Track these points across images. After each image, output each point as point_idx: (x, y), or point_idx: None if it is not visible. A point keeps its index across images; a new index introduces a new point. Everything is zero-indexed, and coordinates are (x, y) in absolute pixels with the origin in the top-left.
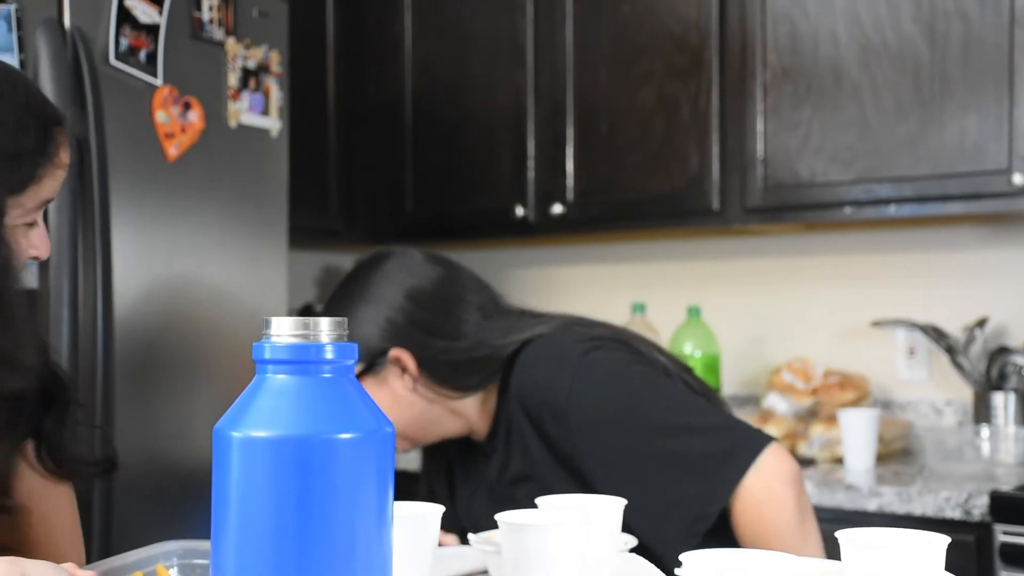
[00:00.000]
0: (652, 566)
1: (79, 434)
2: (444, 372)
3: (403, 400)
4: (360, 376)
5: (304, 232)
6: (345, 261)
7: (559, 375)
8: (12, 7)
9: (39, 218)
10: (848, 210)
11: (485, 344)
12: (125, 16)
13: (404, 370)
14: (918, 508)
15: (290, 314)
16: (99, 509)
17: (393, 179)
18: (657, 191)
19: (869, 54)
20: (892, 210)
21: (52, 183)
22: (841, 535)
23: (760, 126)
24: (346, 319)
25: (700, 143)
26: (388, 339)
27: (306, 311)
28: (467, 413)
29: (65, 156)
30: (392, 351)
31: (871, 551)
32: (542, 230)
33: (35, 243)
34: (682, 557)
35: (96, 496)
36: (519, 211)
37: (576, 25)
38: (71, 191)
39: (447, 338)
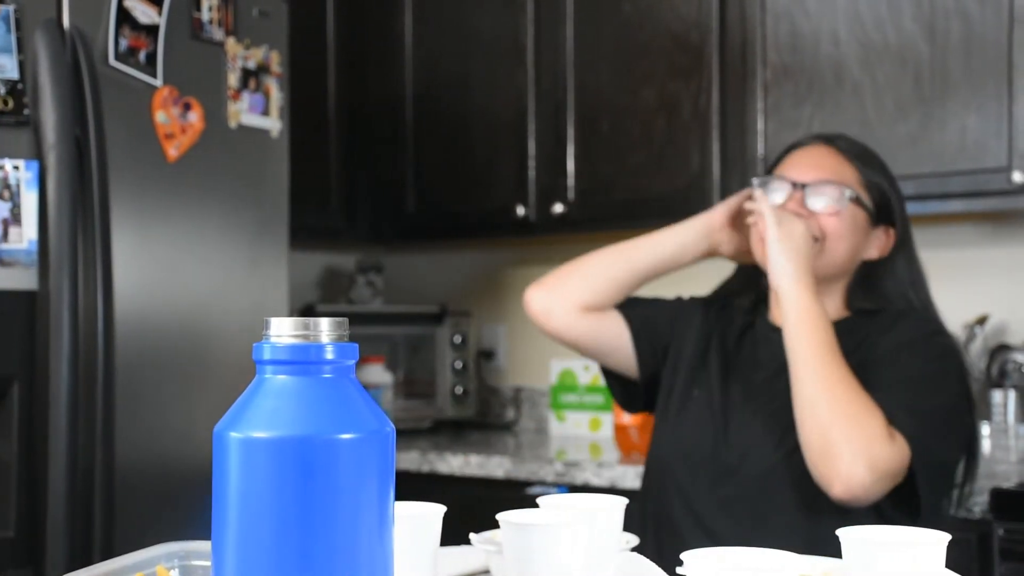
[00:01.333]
0: (654, 565)
1: None
2: (876, 275)
3: (856, 248)
4: (860, 205)
5: (305, 232)
6: (347, 261)
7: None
8: (11, 8)
9: None
10: None
11: (900, 291)
12: (124, 16)
13: (878, 243)
14: None
15: (292, 315)
16: (100, 510)
17: (394, 179)
18: (658, 190)
19: (870, 53)
20: None
21: None
22: (842, 533)
23: (761, 125)
24: (346, 320)
25: (701, 142)
26: (899, 218)
27: (308, 311)
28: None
29: None
30: (890, 228)
31: (872, 548)
32: (543, 229)
33: None
34: (683, 556)
35: (97, 497)
36: (520, 210)
37: (577, 24)
38: (71, 192)
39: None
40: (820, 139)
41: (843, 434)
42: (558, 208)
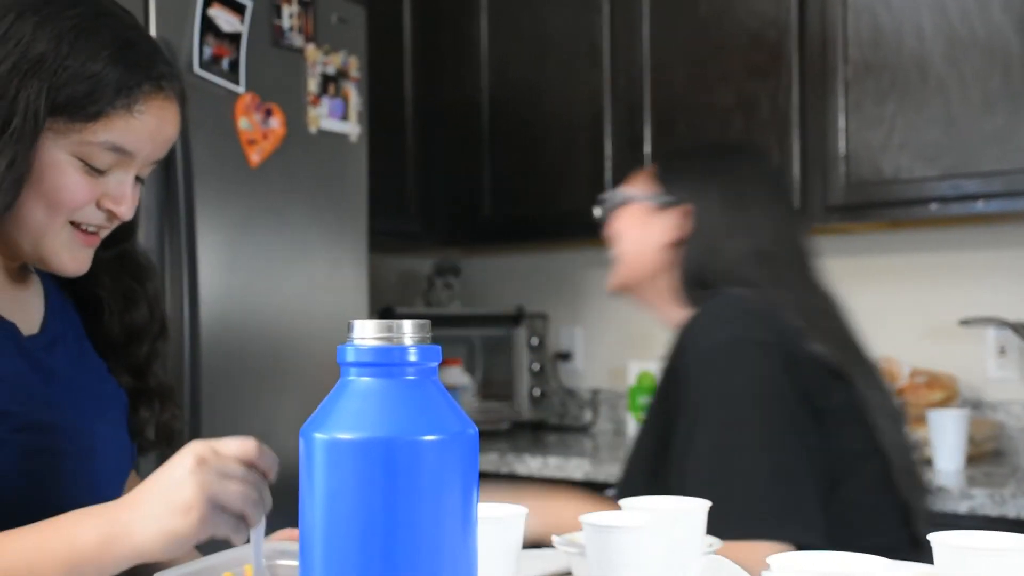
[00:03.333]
0: (739, 568)
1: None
2: (692, 261)
3: (642, 240)
4: (633, 199)
5: (383, 236)
6: (423, 264)
7: (706, 336)
8: None
9: (126, 176)
10: (934, 207)
11: (724, 275)
12: (208, 25)
13: (672, 226)
14: (1012, 510)
15: (371, 317)
16: None
17: (470, 182)
18: None
19: (955, 46)
20: (980, 206)
21: (125, 133)
22: (934, 538)
23: (842, 123)
24: (429, 322)
25: (780, 141)
26: (693, 194)
27: (386, 314)
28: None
29: (148, 117)
30: (686, 205)
31: (965, 555)
32: None
33: (112, 192)
34: (769, 560)
35: None
36: (597, 212)
37: (653, 25)
38: (158, 199)
39: (717, 246)
40: None
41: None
42: None
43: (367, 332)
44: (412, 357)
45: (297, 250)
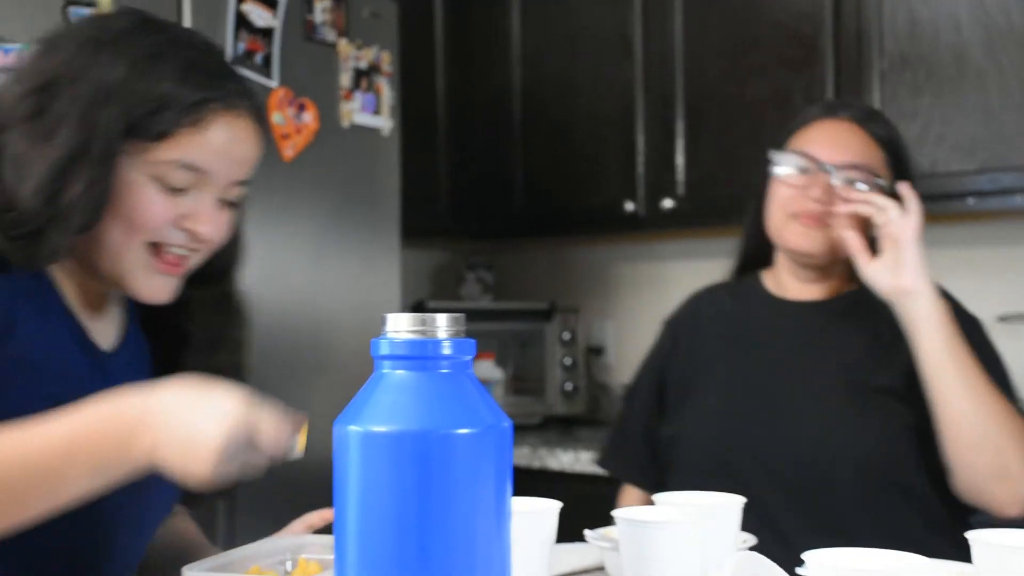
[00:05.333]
0: (773, 564)
1: None
2: None
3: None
4: (883, 192)
5: (415, 230)
6: (456, 258)
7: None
8: None
9: (204, 196)
10: (971, 201)
11: None
12: (241, 20)
13: None
14: None
15: (403, 311)
16: (223, 503)
17: (502, 176)
18: None
19: (994, 38)
20: (1019, 200)
21: (193, 150)
22: (972, 536)
23: None
24: (463, 315)
25: None
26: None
27: (419, 307)
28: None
29: (217, 133)
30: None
31: (1004, 553)
32: (652, 225)
33: (190, 211)
34: (805, 556)
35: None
36: (629, 206)
37: (686, 18)
38: None
39: None
40: (843, 114)
41: (1018, 455)
42: (667, 203)
43: (401, 326)
44: (446, 350)
45: (330, 244)
